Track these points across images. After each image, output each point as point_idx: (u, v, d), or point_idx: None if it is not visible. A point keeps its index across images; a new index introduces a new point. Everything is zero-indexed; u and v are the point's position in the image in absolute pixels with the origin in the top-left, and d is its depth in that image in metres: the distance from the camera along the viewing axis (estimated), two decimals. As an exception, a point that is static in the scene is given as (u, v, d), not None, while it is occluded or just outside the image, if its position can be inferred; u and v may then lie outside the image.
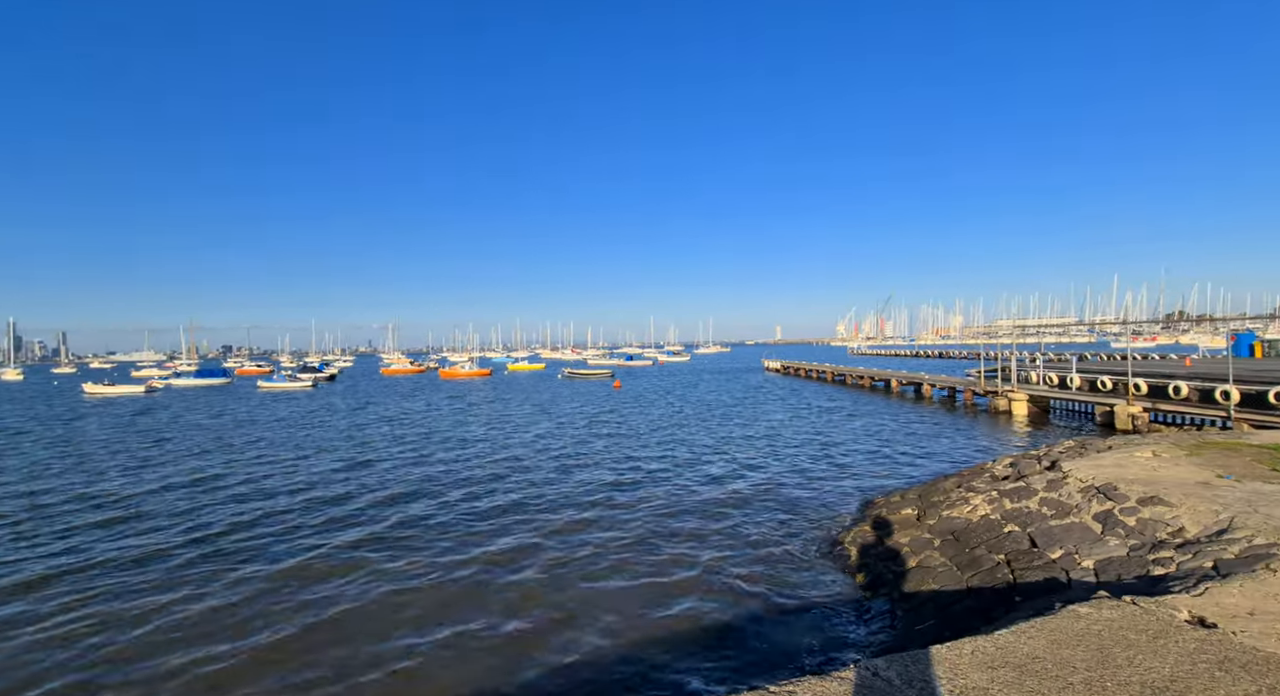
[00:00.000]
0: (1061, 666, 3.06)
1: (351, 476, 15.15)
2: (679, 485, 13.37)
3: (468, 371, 66.24)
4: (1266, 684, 2.80)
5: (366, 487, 13.84)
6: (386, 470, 15.84)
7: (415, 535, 10.15)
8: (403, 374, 76.99)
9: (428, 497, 12.74)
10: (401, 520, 11.06)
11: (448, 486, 13.76)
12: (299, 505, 12.40)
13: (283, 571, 8.68)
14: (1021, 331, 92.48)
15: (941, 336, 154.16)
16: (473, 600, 7.54)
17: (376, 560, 8.99)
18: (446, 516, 11.27)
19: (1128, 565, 5.14)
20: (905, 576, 6.95)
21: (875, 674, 3.01)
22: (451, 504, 12.20)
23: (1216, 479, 6.52)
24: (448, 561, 8.88)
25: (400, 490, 13.45)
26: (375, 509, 11.97)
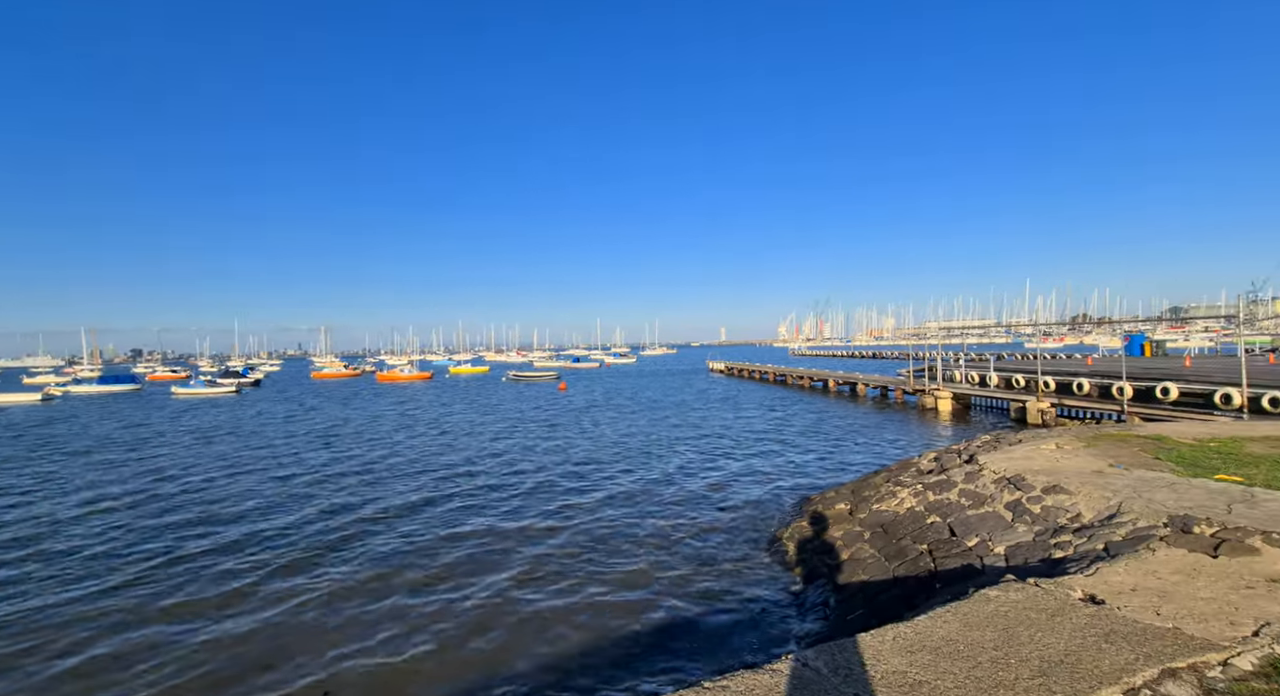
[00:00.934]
0: (972, 647, 3.29)
1: (265, 492, 14.32)
2: (621, 487, 13.41)
3: (407, 375, 63.97)
4: (1143, 652, 3.12)
5: (286, 507, 13.12)
6: (311, 484, 15.07)
7: (350, 552, 9.73)
8: (335, 378, 73.42)
9: (364, 509, 12.22)
10: (339, 539, 10.56)
11: (379, 499, 13.25)
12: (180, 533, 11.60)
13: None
14: (947, 333, 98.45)
15: (875, 337, 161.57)
16: (437, 617, 7.30)
17: (309, 585, 8.55)
18: (388, 543, 10.85)
19: (1033, 549, 5.59)
20: (839, 569, 7.27)
21: (805, 664, 3.14)
22: (395, 517, 11.75)
23: (1109, 468, 7.19)
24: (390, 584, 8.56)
25: (329, 504, 12.84)
26: (300, 529, 11.37)
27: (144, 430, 26.28)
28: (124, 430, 26.42)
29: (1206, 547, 4.49)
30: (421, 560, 9.01)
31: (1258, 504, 5.37)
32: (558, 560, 8.86)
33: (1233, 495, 5.70)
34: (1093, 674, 2.95)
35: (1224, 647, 3.16)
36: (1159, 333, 65.56)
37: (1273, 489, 5.85)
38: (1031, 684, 2.89)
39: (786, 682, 2.97)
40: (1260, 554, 4.34)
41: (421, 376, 64.41)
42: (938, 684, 2.91)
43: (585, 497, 12.51)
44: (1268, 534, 4.52)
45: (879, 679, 2.99)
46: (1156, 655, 3.10)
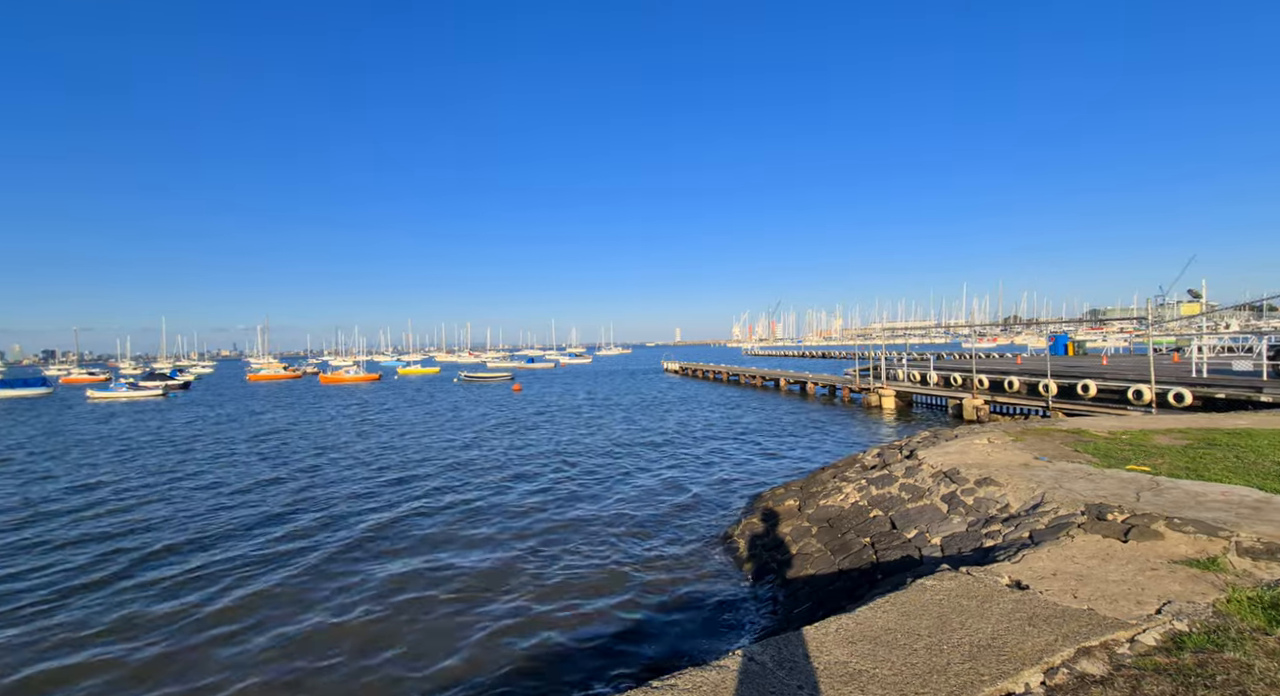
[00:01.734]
0: (909, 635, 3.43)
1: (187, 507, 13.50)
2: (576, 487, 13.33)
3: (353, 376, 61.55)
4: (1061, 633, 3.33)
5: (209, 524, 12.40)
6: (237, 495, 14.29)
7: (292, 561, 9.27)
8: (274, 380, 69.88)
9: (300, 516, 11.67)
10: (263, 543, 10.04)
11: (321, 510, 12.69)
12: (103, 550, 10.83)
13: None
14: (891, 333, 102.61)
15: (825, 338, 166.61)
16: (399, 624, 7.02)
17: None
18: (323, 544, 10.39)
19: (966, 539, 5.89)
20: (788, 564, 7.44)
21: (751, 658, 3.20)
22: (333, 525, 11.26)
23: (1035, 460, 7.65)
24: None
25: (258, 513, 12.20)
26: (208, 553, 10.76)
27: (50, 439, 24.26)
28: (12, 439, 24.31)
29: (1118, 533, 4.85)
30: (366, 569, 8.68)
31: (1162, 492, 5.83)
32: (505, 562, 8.71)
33: (1141, 484, 6.17)
34: (1017, 655, 3.13)
35: (1132, 625, 3.41)
36: (1080, 333, 70.41)
37: (1175, 478, 6.37)
38: (962, 667, 3.04)
39: (733, 678, 3.02)
40: (1164, 537, 4.71)
41: (369, 378, 62.11)
42: (876, 671, 3.02)
43: (536, 499, 12.35)
44: (1170, 519, 4.91)
45: (822, 670, 3.08)
46: (1073, 635, 3.32)
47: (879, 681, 2.92)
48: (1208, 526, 4.70)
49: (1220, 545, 4.46)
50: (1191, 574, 4.15)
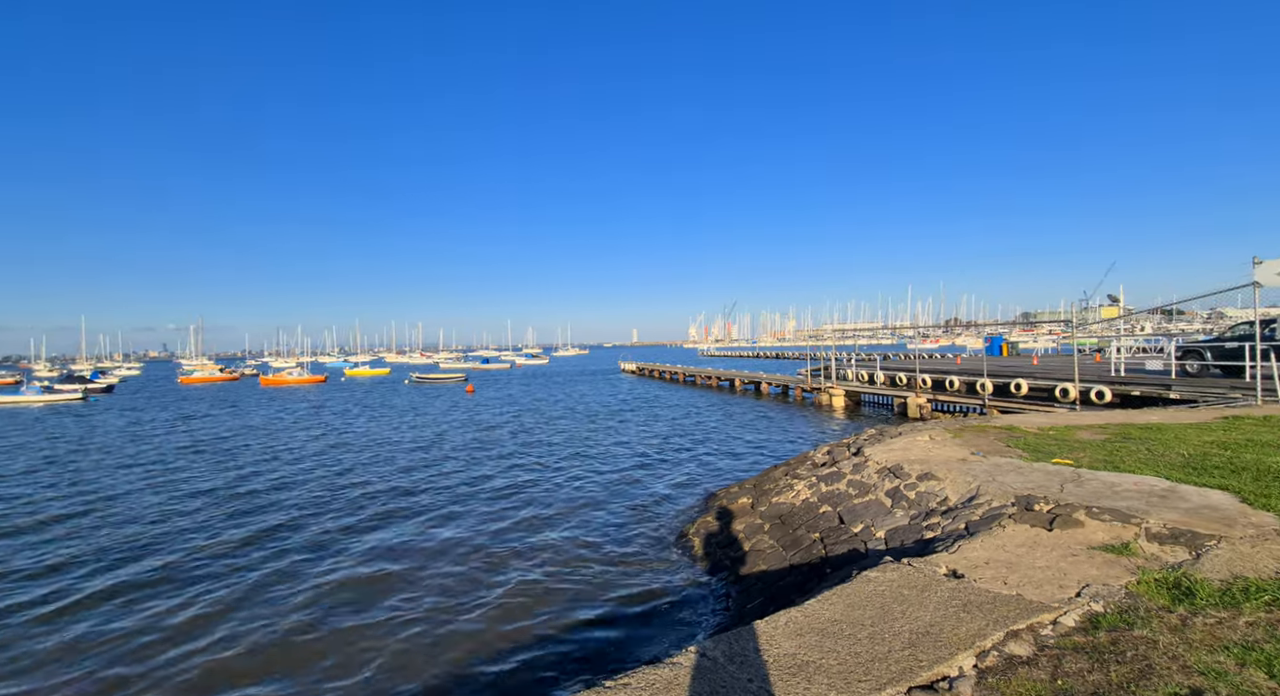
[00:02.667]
0: (854, 625, 3.57)
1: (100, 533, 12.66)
2: (529, 489, 13.19)
3: (297, 378, 58.88)
4: (992, 618, 3.54)
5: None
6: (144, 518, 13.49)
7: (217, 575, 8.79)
8: (208, 382, 66.14)
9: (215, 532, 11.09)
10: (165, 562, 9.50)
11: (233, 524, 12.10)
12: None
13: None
14: (841, 334, 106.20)
15: (778, 339, 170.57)
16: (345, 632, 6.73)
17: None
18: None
19: (908, 532, 6.16)
20: (741, 560, 7.59)
21: (703, 654, 3.25)
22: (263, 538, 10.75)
23: (971, 456, 8.07)
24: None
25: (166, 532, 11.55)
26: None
27: (-44, 446, 22.20)
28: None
29: (1044, 522, 5.17)
30: (310, 582, 8.34)
31: (1083, 483, 6.26)
32: (454, 563, 8.54)
33: (1065, 476, 6.61)
34: (952, 640, 3.30)
35: (1054, 608, 3.65)
36: (1014, 335, 74.76)
37: (1095, 470, 6.85)
38: (902, 654, 3.18)
39: (685, 674, 3.07)
40: (1084, 526, 5.06)
41: (314, 379, 59.54)
42: (823, 662, 3.13)
43: (488, 500, 12.15)
44: (1089, 508, 5.28)
45: (771, 662, 3.16)
46: (1003, 619, 3.52)
47: (825, 671, 3.03)
48: (1122, 514, 5.07)
49: (1132, 531, 4.83)
50: (1107, 559, 4.47)
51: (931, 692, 2.87)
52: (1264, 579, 3.81)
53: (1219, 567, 4.06)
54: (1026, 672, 2.99)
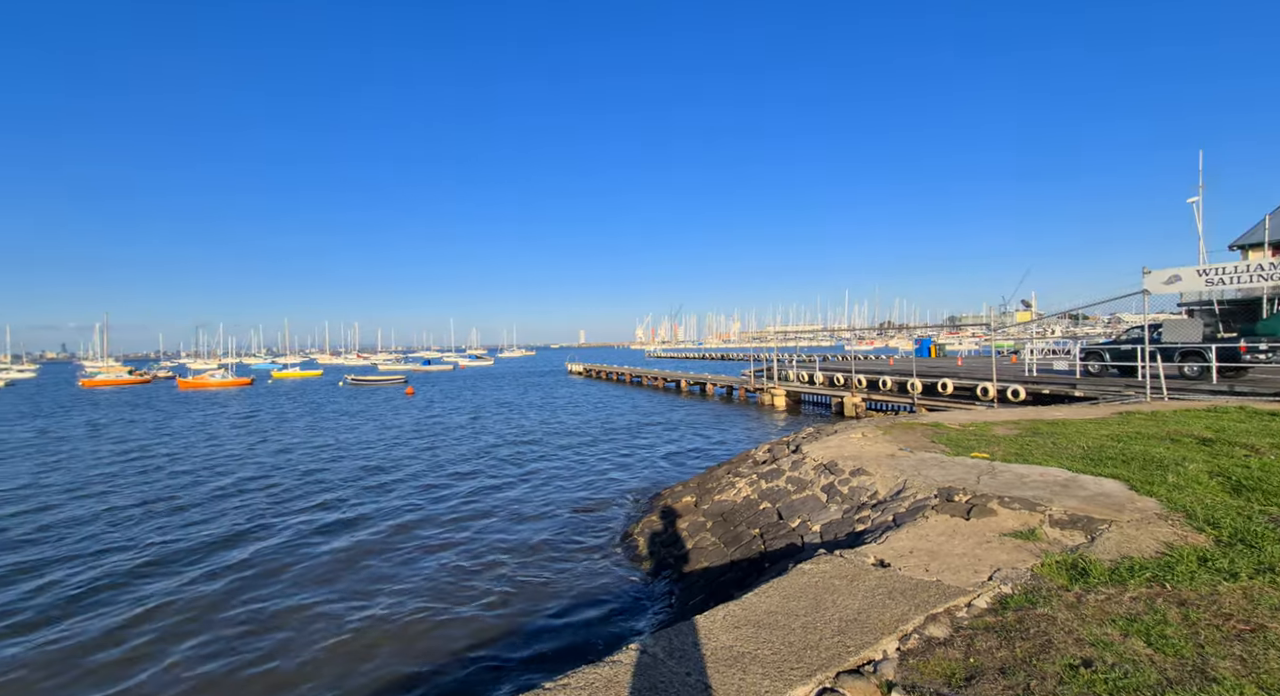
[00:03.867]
0: (788, 616, 3.71)
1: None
2: (475, 492, 12.90)
3: (219, 381, 55.12)
4: (914, 603, 3.76)
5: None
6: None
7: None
8: (114, 385, 60.92)
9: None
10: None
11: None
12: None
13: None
14: (784, 336, 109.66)
15: (724, 340, 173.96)
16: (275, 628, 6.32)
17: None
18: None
19: (841, 526, 6.45)
20: (685, 558, 7.71)
21: (644, 651, 3.30)
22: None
23: (900, 451, 8.53)
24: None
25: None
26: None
27: None
28: None
29: (962, 512, 5.54)
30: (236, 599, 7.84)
31: (997, 475, 6.74)
32: (394, 568, 8.25)
33: (981, 469, 7.10)
34: (877, 626, 3.49)
35: (969, 592, 3.93)
36: (941, 337, 79.36)
37: (1008, 462, 7.39)
38: (832, 641, 3.34)
39: (626, 671, 3.10)
40: (997, 514, 5.46)
41: (239, 382, 55.89)
42: (758, 652, 3.24)
43: (432, 505, 11.80)
44: (1001, 498, 5.70)
45: (709, 655, 3.24)
46: (924, 604, 3.76)
47: (760, 661, 3.14)
48: (1029, 503, 5.51)
49: (1038, 518, 5.25)
50: (1016, 544, 4.84)
51: (858, 676, 3.03)
52: (1146, 557, 4.24)
53: (1110, 549, 4.48)
54: (943, 652, 3.21)
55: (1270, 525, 4.63)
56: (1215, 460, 6.88)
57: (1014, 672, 2.92)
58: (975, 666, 3.04)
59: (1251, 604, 3.45)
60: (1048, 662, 2.98)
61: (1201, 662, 2.88)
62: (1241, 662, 2.86)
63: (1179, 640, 3.09)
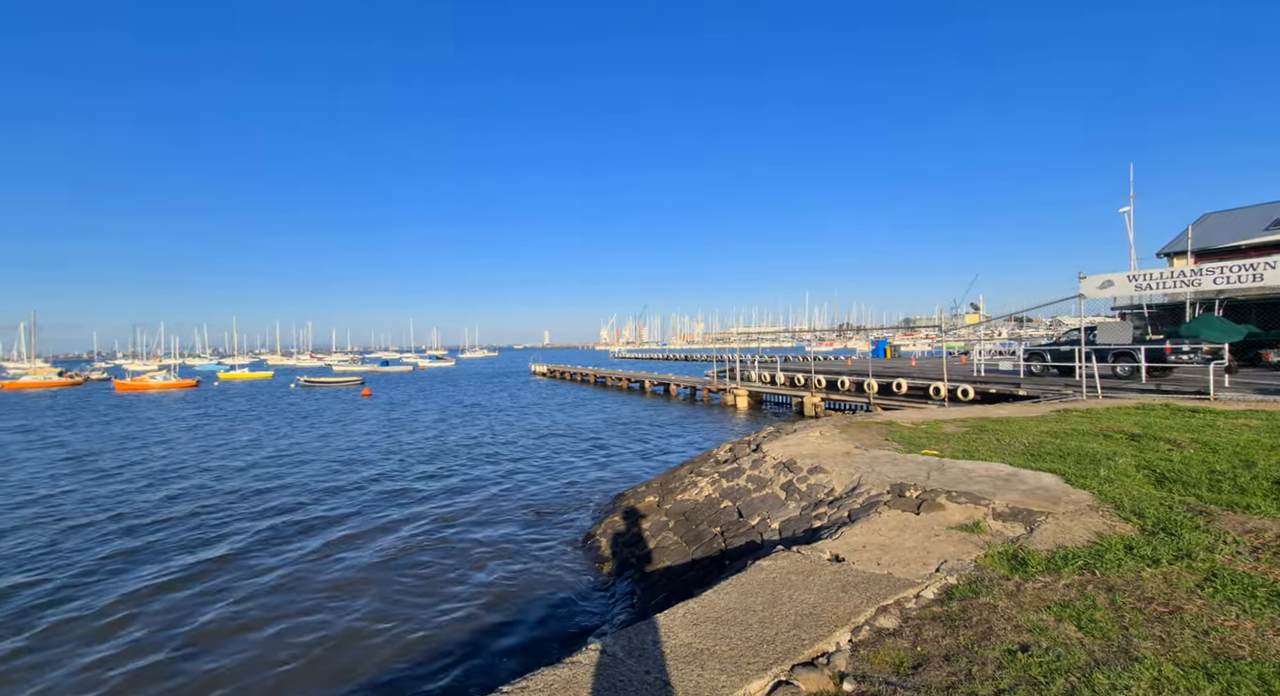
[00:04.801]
0: (746, 612, 3.78)
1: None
2: (438, 496, 12.64)
3: (161, 382, 52.28)
4: (867, 596, 3.89)
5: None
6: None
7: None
8: (42, 388, 57.10)
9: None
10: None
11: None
12: None
13: None
14: (746, 337, 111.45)
15: (688, 341, 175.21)
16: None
17: None
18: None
19: (799, 522, 6.61)
20: (647, 558, 7.75)
21: (604, 651, 3.31)
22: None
23: (855, 449, 8.80)
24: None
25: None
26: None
27: None
28: None
29: (912, 507, 5.75)
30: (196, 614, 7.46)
31: (946, 471, 7.03)
32: (358, 577, 8.02)
33: (931, 465, 7.39)
34: (831, 619, 3.60)
35: (918, 584, 4.09)
36: (897, 338, 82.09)
37: (955, 459, 7.72)
38: (788, 635, 3.42)
39: (585, 672, 3.11)
40: (945, 508, 5.69)
41: (182, 384, 53.13)
42: (716, 648, 3.29)
43: (396, 507, 11.50)
44: (949, 493, 5.95)
45: (669, 653, 3.28)
46: (875, 597, 3.89)
47: (718, 657, 3.19)
48: (974, 497, 5.76)
49: (982, 512, 5.50)
50: (962, 536, 5.06)
51: (812, 668, 3.12)
52: (1079, 547, 4.50)
53: (1046, 539, 4.73)
54: (892, 642, 3.33)
55: (1188, 514, 4.98)
56: (1142, 454, 7.35)
57: (957, 659, 3.06)
58: (922, 654, 3.16)
59: (1170, 588, 3.71)
60: (988, 648, 3.13)
61: (1126, 643, 3.08)
62: (1160, 642, 3.08)
63: (1106, 623, 3.29)
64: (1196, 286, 14.81)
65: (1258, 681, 2.67)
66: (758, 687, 2.95)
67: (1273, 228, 29.33)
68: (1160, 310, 29.66)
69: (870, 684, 2.93)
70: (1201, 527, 4.65)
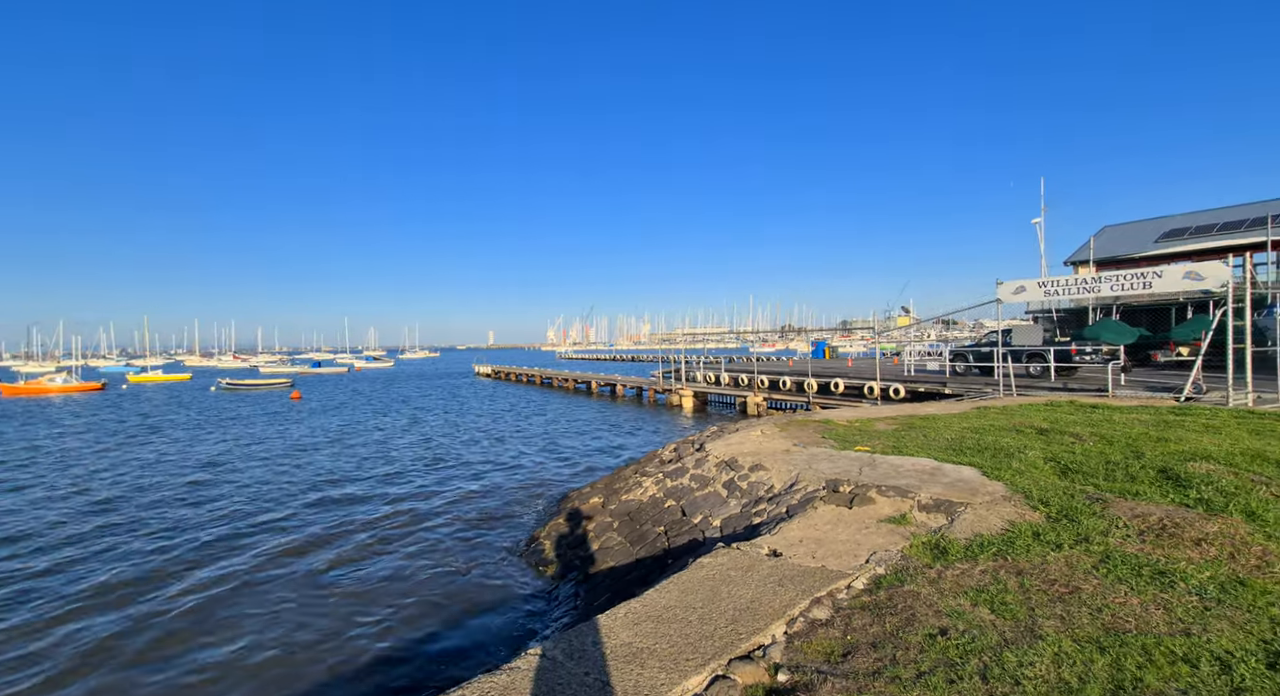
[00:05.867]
0: (686, 609, 3.84)
1: None
2: (372, 502, 12.13)
3: (61, 386, 47.61)
4: (802, 589, 4.03)
5: None
6: None
7: None
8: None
9: None
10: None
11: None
12: None
13: None
14: (692, 338, 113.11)
15: (634, 342, 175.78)
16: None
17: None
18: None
19: (740, 519, 6.77)
20: (590, 560, 7.72)
21: (544, 655, 3.28)
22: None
23: (794, 447, 9.09)
24: None
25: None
26: None
27: None
28: None
29: (846, 502, 6.01)
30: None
31: (877, 466, 7.38)
32: (294, 590, 7.58)
33: (864, 461, 7.74)
34: (768, 612, 3.71)
35: (849, 575, 4.27)
36: (835, 339, 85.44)
37: (886, 455, 8.11)
38: (726, 630, 3.50)
39: (524, 677, 3.07)
40: (875, 502, 5.97)
41: (86, 387, 48.58)
42: (656, 647, 3.33)
43: (324, 515, 10.94)
44: (879, 487, 6.24)
45: (609, 654, 3.28)
46: (809, 589, 4.03)
47: (657, 655, 3.22)
48: (902, 491, 6.08)
49: (909, 504, 5.81)
50: (891, 528, 5.32)
51: (748, 661, 3.20)
52: (993, 535, 4.82)
53: (965, 529, 5.05)
54: (824, 632, 3.47)
55: (1087, 502, 5.44)
56: (1049, 447, 7.97)
57: (884, 645, 3.22)
58: (851, 642, 3.31)
59: (1071, 570, 4.04)
60: (911, 634, 3.31)
61: (1032, 623, 3.33)
62: (1061, 620, 3.35)
63: (1015, 605, 3.55)
64: (1097, 293, 16.21)
65: (1141, 652, 2.95)
66: (696, 683, 3.00)
67: (1161, 240, 32.48)
68: (1067, 314, 32.21)
69: (803, 673, 3.04)
70: (1098, 514, 5.09)
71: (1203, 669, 2.79)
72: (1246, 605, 3.41)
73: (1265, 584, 3.66)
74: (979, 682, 2.78)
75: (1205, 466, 6.40)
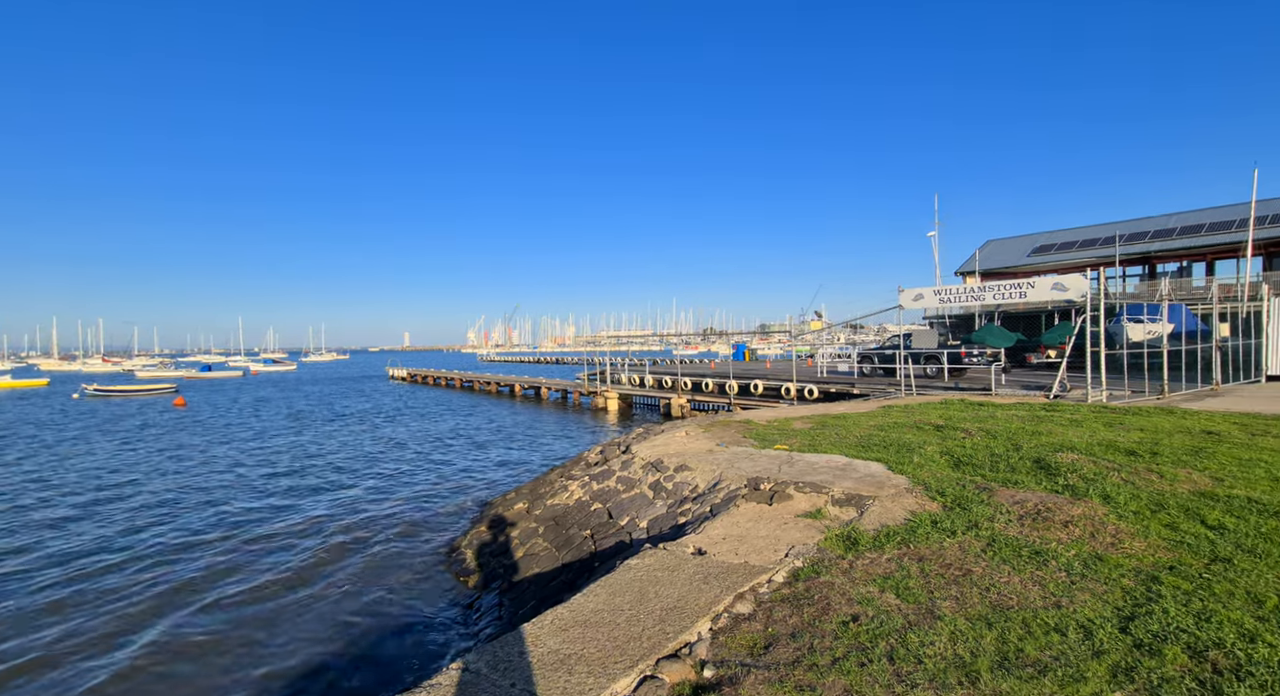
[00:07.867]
0: (614, 612, 3.84)
1: None
2: (270, 519, 11.19)
3: None
4: (725, 585, 4.15)
5: None
6: None
7: None
8: None
9: None
10: None
11: None
12: None
13: None
14: (617, 341, 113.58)
15: (559, 344, 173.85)
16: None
17: None
18: None
19: (666, 520, 6.87)
20: (515, 567, 7.55)
21: (466, 669, 3.16)
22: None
23: (717, 447, 9.36)
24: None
25: None
26: None
27: None
28: None
29: (766, 499, 6.26)
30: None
31: (794, 464, 7.74)
32: (201, 604, 6.81)
33: (783, 459, 8.10)
34: (694, 610, 3.78)
35: (770, 569, 4.44)
36: (754, 342, 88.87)
37: (802, 452, 8.54)
38: (654, 631, 3.53)
39: (444, 694, 2.94)
40: (793, 498, 6.27)
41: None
42: (584, 652, 3.30)
43: (238, 532, 9.95)
44: (797, 484, 6.56)
45: (536, 662, 3.22)
46: (733, 585, 4.16)
47: (585, 660, 3.20)
48: (817, 486, 6.41)
49: (823, 499, 6.14)
50: (808, 523, 5.60)
51: (676, 660, 3.25)
52: (897, 525, 5.20)
53: (873, 520, 5.41)
54: (748, 626, 3.59)
55: (976, 491, 6.00)
56: (944, 442, 8.71)
57: (802, 635, 3.38)
58: (772, 635, 3.45)
59: (964, 554, 4.43)
60: (827, 622, 3.50)
61: (931, 605, 3.62)
62: (956, 601, 3.66)
63: (917, 589, 3.85)
64: (982, 301, 17.93)
65: (1021, 625, 3.29)
66: (624, 686, 3.01)
67: (1033, 255, 36.44)
68: (958, 319, 35.35)
69: (728, 667, 3.13)
70: (985, 502, 5.62)
71: (1070, 636, 3.15)
72: (1104, 578, 3.89)
73: (1118, 558, 4.20)
74: (886, 664, 2.99)
75: (1070, 456, 7.24)
